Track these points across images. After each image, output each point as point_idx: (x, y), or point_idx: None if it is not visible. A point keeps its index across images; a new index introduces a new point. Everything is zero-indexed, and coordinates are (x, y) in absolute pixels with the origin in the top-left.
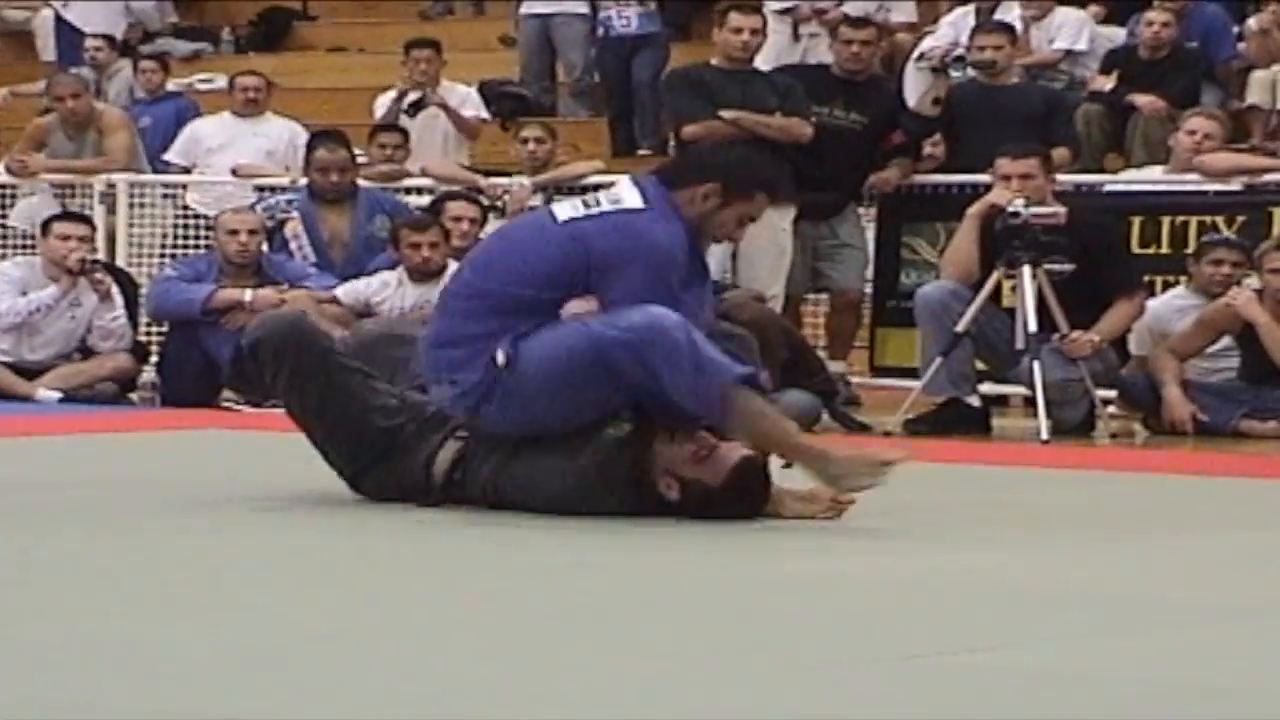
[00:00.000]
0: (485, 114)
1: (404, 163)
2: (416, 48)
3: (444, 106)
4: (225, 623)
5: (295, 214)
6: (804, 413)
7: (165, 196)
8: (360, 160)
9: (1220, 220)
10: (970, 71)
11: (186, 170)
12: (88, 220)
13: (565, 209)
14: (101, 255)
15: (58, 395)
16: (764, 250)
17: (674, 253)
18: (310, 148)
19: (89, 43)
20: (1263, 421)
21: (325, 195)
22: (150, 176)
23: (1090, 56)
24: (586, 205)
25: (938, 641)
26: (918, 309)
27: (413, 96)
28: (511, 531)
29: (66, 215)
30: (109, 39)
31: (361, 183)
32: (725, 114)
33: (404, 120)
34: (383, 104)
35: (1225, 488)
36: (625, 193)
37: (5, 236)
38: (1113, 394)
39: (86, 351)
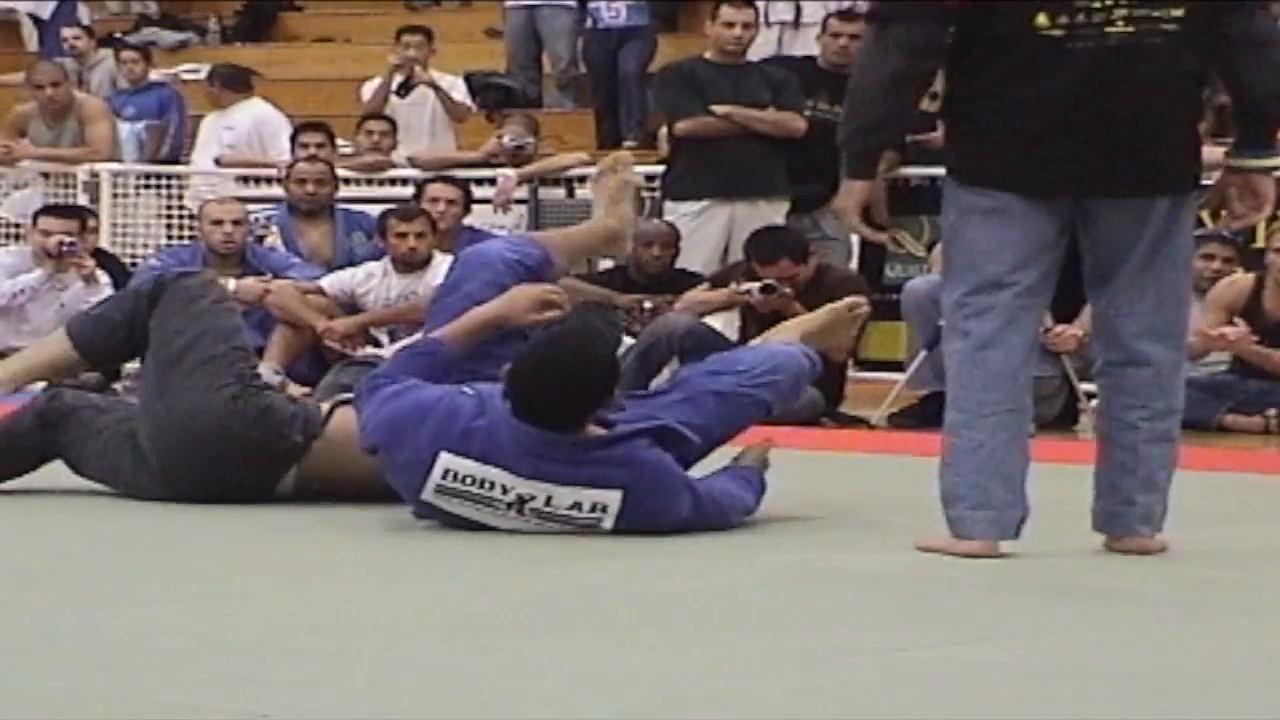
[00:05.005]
0: (471, 103)
1: (390, 152)
2: (408, 33)
3: (434, 86)
4: (205, 613)
5: (274, 228)
6: (813, 403)
7: (148, 188)
8: (345, 150)
9: (1204, 214)
10: None
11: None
12: (79, 212)
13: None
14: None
15: (42, 384)
16: None
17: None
18: (293, 143)
19: (66, 32)
20: (1247, 416)
21: (301, 206)
22: (133, 166)
23: None
24: (583, 524)
25: (918, 636)
26: (905, 303)
27: (401, 77)
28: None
29: (54, 208)
30: (87, 29)
31: (343, 172)
32: (717, 109)
33: (393, 101)
34: (370, 88)
35: (1207, 482)
36: (581, 496)
37: None
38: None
39: None
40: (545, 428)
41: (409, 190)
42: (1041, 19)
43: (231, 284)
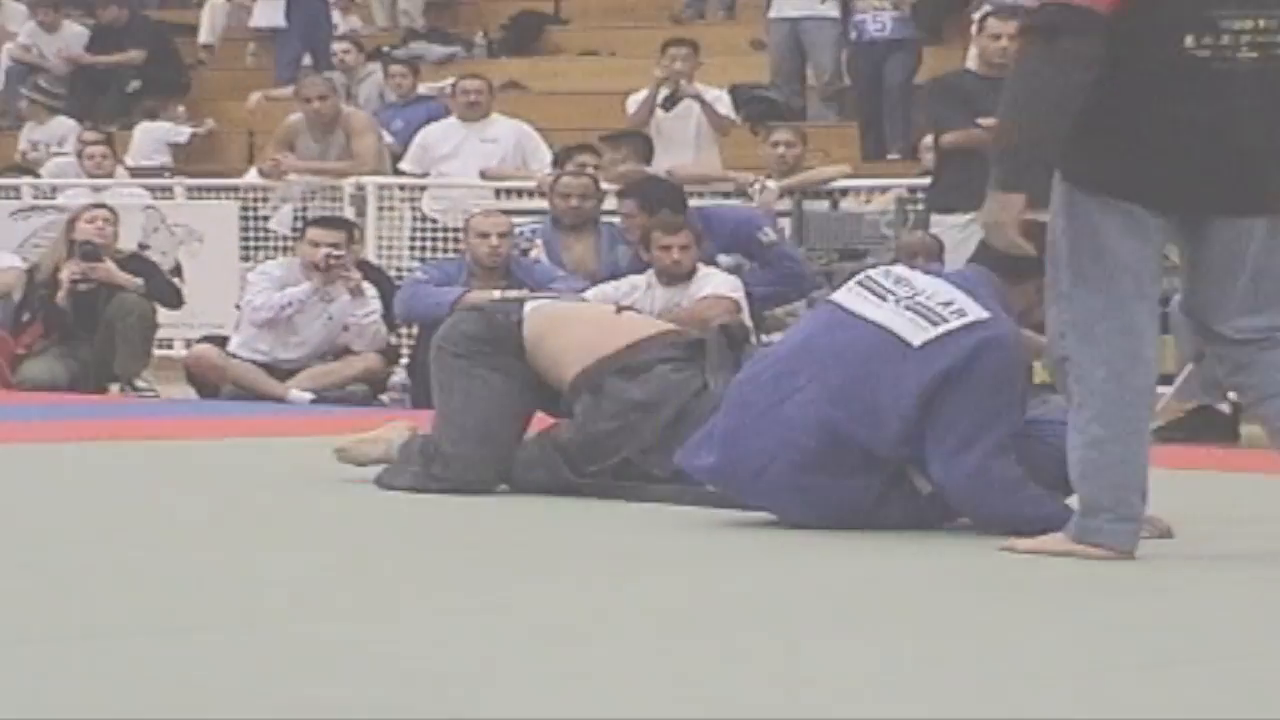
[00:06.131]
0: (735, 116)
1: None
2: (674, 45)
3: (699, 99)
4: (475, 626)
5: (539, 242)
6: None
7: (406, 201)
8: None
9: None
10: None
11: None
12: (345, 224)
13: (906, 325)
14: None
15: (310, 396)
16: None
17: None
18: (555, 164)
19: (336, 46)
20: None
21: (565, 221)
22: (398, 179)
23: None
24: (929, 319)
25: (1182, 648)
26: (1172, 315)
27: (666, 90)
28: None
29: (322, 220)
30: (356, 43)
31: (604, 185)
32: (984, 122)
33: (658, 114)
34: (635, 101)
35: None
36: (958, 297)
37: (266, 238)
38: None
39: (343, 353)
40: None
41: None
42: (1189, 40)
43: (496, 295)
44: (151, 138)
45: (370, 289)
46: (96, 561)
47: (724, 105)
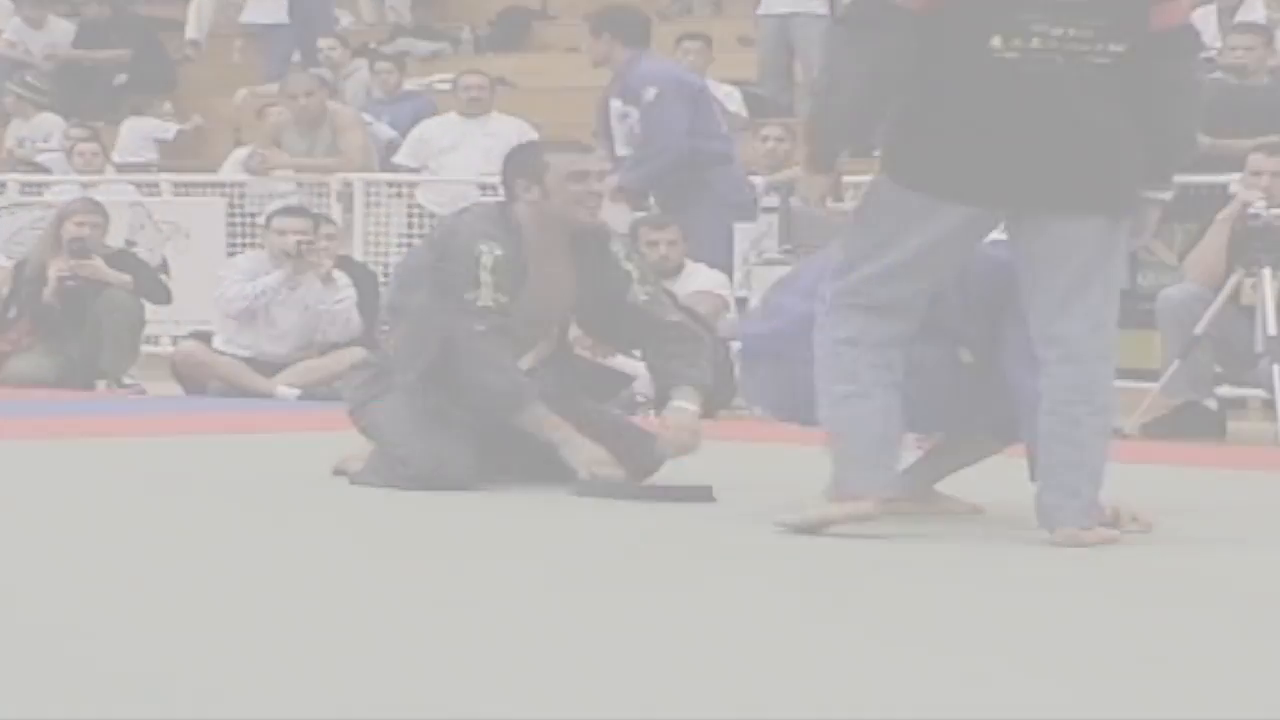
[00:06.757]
0: (745, 113)
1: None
2: (688, 40)
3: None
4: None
5: None
6: None
7: (398, 196)
8: None
9: None
10: (1218, 74)
11: (415, 172)
12: (311, 215)
13: None
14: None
15: (297, 392)
16: None
17: None
18: None
19: (322, 42)
20: None
21: None
22: (386, 175)
23: None
24: None
25: (1168, 644)
26: (1160, 311)
27: None
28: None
29: (286, 210)
30: (343, 39)
31: None
32: None
33: None
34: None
35: None
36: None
37: (253, 234)
38: None
39: (329, 350)
40: None
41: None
42: (996, 41)
43: None
44: (138, 134)
45: (342, 276)
46: (81, 558)
47: (734, 103)
